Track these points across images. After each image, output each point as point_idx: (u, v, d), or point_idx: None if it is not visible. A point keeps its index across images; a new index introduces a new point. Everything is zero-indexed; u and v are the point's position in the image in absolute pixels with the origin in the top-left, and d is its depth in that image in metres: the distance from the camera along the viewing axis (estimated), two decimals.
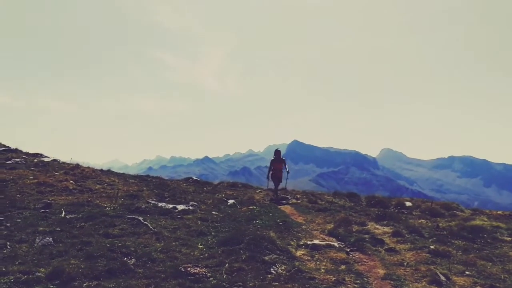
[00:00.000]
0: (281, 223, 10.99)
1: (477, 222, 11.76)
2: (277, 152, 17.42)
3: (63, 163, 19.45)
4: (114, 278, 6.19)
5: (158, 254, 7.44)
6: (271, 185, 17.71)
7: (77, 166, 18.28)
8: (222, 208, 13.02)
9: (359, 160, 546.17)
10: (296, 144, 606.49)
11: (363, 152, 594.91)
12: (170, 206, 11.51)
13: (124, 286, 5.83)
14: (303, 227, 11.22)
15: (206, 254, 7.69)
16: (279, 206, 14.75)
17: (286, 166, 17.07)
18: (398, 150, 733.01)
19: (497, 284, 7.02)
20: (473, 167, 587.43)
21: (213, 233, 9.39)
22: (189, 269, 6.74)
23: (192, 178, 23.25)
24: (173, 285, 6.05)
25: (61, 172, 16.40)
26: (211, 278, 6.50)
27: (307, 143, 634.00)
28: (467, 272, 7.67)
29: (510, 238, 10.41)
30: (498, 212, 16.17)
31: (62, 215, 9.81)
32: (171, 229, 9.43)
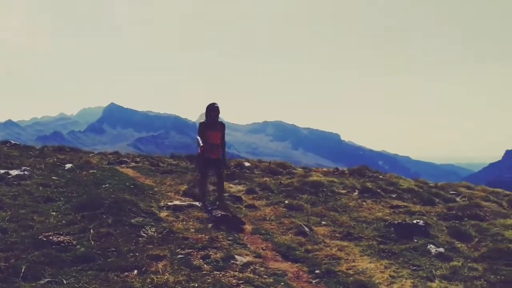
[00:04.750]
0: (132, 186, 10.41)
1: (315, 178, 12.79)
2: (214, 109, 8.89)
3: None
4: None
5: (8, 223, 6.37)
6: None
7: None
8: (60, 172, 11.77)
9: (178, 124, 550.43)
10: (113, 107, 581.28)
11: (183, 116, 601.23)
12: (2, 171, 9.98)
13: None
14: (156, 189, 10.81)
15: (64, 221, 6.85)
16: (121, 169, 13.97)
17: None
18: None
19: (351, 231, 7.76)
20: (283, 132, 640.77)
21: (62, 198, 8.42)
22: (51, 237, 5.93)
23: (10, 142, 20.64)
24: (38, 256, 5.26)
25: None
26: (78, 246, 5.84)
27: (125, 107, 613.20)
28: (323, 222, 8.33)
29: (345, 191, 11.56)
30: (324, 169, 17.86)
31: None
32: (11, 196, 8.16)
